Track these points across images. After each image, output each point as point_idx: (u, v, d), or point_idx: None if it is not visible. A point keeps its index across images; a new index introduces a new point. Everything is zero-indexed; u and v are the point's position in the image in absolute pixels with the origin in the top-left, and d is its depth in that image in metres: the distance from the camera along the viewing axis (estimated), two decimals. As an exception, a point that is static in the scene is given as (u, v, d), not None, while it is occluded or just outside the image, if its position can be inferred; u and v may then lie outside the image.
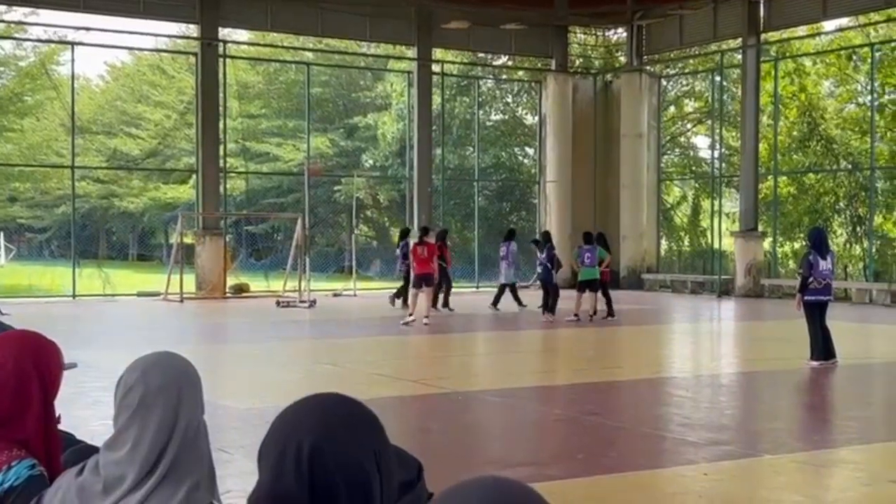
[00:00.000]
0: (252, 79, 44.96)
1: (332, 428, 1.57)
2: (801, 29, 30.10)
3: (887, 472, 7.51)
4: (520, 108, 44.38)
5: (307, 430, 1.57)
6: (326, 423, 1.58)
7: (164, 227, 47.75)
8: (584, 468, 7.49)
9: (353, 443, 1.57)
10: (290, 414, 1.61)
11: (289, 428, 1.58)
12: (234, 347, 16.29)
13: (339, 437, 1.57)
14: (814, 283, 12.96)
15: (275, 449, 1.57)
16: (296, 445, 1.55)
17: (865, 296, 25.51)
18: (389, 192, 42.84)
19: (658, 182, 32.97)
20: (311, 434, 1.56)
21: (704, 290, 29.39)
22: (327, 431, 1.57)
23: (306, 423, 1.58)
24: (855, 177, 31.06)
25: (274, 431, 1.60)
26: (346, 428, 1.58)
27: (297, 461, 1.55)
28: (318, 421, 1.58)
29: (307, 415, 1.60)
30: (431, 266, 19.57)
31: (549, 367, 14.62)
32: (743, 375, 13.13)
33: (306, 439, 1.56)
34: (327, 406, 1.61)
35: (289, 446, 1.56)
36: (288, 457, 1.55)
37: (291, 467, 1.55)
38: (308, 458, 1.54)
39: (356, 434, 1.59)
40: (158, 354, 2.14)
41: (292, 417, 1.60)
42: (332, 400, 1.63)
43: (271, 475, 1.56)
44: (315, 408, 1.61)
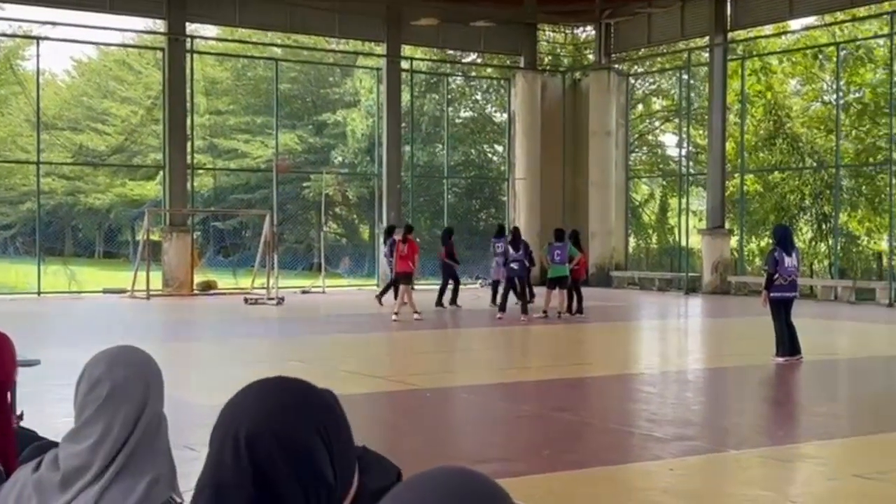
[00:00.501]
0: (220, 75, 44.71)
1: (270, 412, 1.56)
2: (767, 28, 30.34)
3: (851, 466, 7.59)
4: (489, 105, 44.47)
5: (245, 417, 1.56)
6: (264, 408, 1.57)
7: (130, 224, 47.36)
8: (550, 464, 7.51)
9: (292, 424, 1.56)
10: (232, 403, 1.60)
11: (228, 417, 1.58)
12: (201, 345, 16.20)
13: (278, 420, 1.55)
14: (779, 280, 13.07)
15: (216, 439, 1.57)
16: (233, 435, 1.55)
17: (830, 293, 25.75)
18: (359, 189, 42.76)
19: (626, 180, 33.12)
20: (249, 421, 1.55)
21: (672, 287, 29.57)
22: (264, 416, 1.56)
23: (245, 411, 1.57)
24: (820, 175, 31.35)
25: (218, 422, 1.59)
26: (284, 410, 1.57)
27: (236, 450, 1.53)
28: (257, 407, 1.57)
29: (246, 402, 1.59)
30: (410, 264, 19.62)
31: (518, 363, 14.65)
32: (709, 371, 13.23)
33: (243, 427, 1.55)
34: (267, 391, 1.60)
35: (227, 436, 1.55)
36: (227, 446, 1.54)
37: (230, 456, 1.54)
38: (246, 446, 1.53)
39: (295, 415, 1.57)
40: (120, 348, 2.13)
41: (233, 406, 1.59)
42: (272, 384, 1.61)
43: (212, 466, 1.55)
44: (255, 394, 1.60)
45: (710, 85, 29.37)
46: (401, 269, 19.56)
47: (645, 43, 31.86)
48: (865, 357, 14.68)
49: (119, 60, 48.13)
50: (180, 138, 26.96)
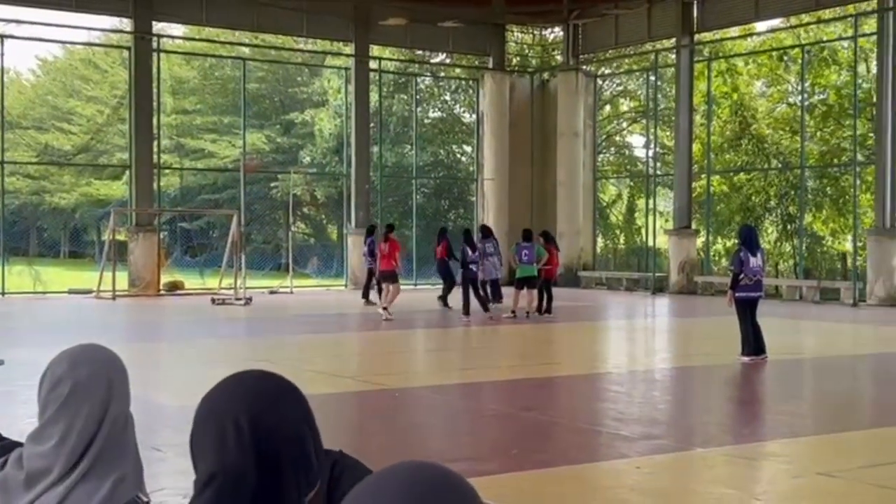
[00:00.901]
0: (187, 74, 44.44)
1: (265, 400, 1.60)
2: (733, 30, 30.59)
3: (815, 464, 7.67)
4: (457, 105, 44.50)
5: (241, 405, 1.59)
6: (258, 396, 1.61)
7: (96, 224, 46.97)
8: (518, 463, 7.54)
9: (286, 412, 1.61)
10: (218, 395, 1.62)
11: (221, 407, 1.60)
12: (168, 345, 16.11)
13: (274, 407, 1.60)
14: (744, 280, 13.17)
15: (213, 429, 1.58)
16: (234, 421, 1.57)
17: (796, 293, 26.00)
18: (327, 188, 42.66)
19: (594, 180, 33.26)
20: (247, 408, 1.58)
21: (639, 287, 29.73)
22: (261, 404, 1.59)
23: (238, 400, 1.60)
24: (785, 176, 31.64)
25: (205, 415, 1.61)
26: (277, 398, 1.61)
27: (239, 436, 1.56)
28: (250, 395, 1.60)
29: (236, 392, 1.62)
30: (393, 263, 19.64)
31: (487, 363, 14.67)
32: (676, 371, 13.31)
33: (243, 414, 1.57)
34: (254, 381, 1.64)
35: (227, 423, 1.57)
36: (229, 433, 1.57)
37: (234, 443, 1.56)
38: (249, 431, 1.56)
39: (288, 403, 1.62)
40: (84, 347, 2.11)
41: (221, 397, 1.62)
42: (256, 375, 1.65)
43: (216, 454, 1.57)
44: (242, 384, 1.63)
45: (676, 86, 29.56)
46: (384, 267, 19.56)
47: (612, 44, 32.01)
48: (830, 356, 14.84)
49: (85, 59, 47.72)
50: (147, 138, 26.78)
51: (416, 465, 1.17)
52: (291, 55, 37.34)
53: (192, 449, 1.63)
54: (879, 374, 13.45)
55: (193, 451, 1.62)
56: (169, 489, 6.12)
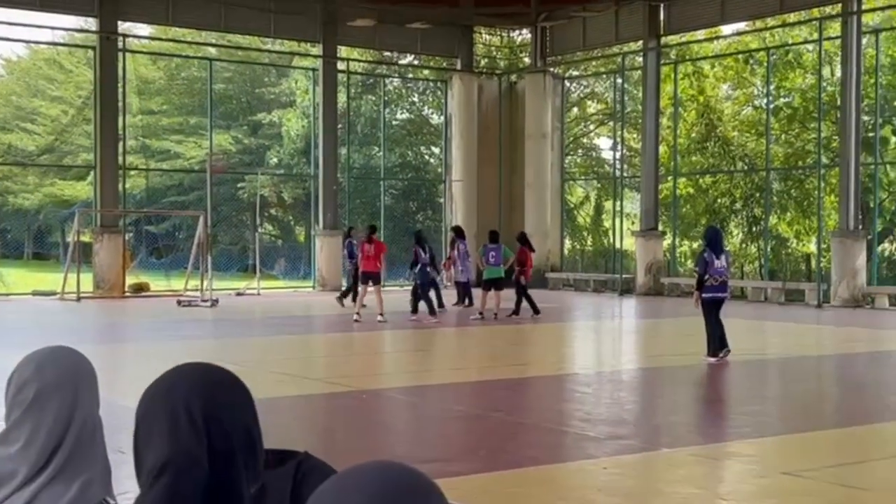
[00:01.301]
0: (153, 74, 44.11)
1: (216, 389, 1.58)
2: (699, 33, 30.79)
3: (780, 464, 7.73)
4: (426, 107, 44.49)
5: (191, 394, 1.55)
6: (208, 385, 1.58)
7: (60, 225, 46.53)
8: (486, 464, 7.54)
9: (237, 401, 1.58)
10: (166, 384, 1.59)
11: (171, 396, 1.56)
12: (133, 347, 15.99)
13: (225, 396, 1.57)
14: (710, 281, 13.25)
15: (163, 415, 1.54)
16: (185, 407, 1.54)
17: (761, 294, 26.20)
18: (294, 190, 42.50)
19: (562, 182, 33.36)
20: (199, 396, 1.55)
21: (606, 288, 29.84)
22: (212, 392, 1.57)
23: (188, 388, 1.56)
24: (751, 178, 31.88)
25: (154, 405, 1.57)
26: (227, 388, 1.59)
27: (192, 421, 1.53)
28: (200, 384, 1.57)
29: (185, 381, 1.58)
30: (378, 264, 19.57)
31: (454, 364, 14.67)
32: (643, 371, 13.38)
33: (194, 401, 1.54)
34: (201, 371, 1.61)
35: (178, 409, 1.54)
36: (181, 419, 1.53)
37: (187, 428, 1.53)
38: (202, 419, 1.53)
39: (237, 393, 1.60)
40: (53, 349, 2.08)
41: (169, 386, 1.58)
42: (202, 366, 1.63)
43: (168, 443, 1.53)
44: (189, 374, 1.60)
45: (643, 89, 29.72)
46: (368, 268, 19.47)
47: (580, 46, 32.12)
48: (795, 357, 14.96)
49: (50, 59, 47.26)
50: (112, 138, 26.55)
51: (381, 465, 1.16)
52: (259, 55, 37.17)
53: (139, 441, 1.58)
54: (843, 374, 13.58)
55: (140, 444, 1.57)
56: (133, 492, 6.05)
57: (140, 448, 1.58)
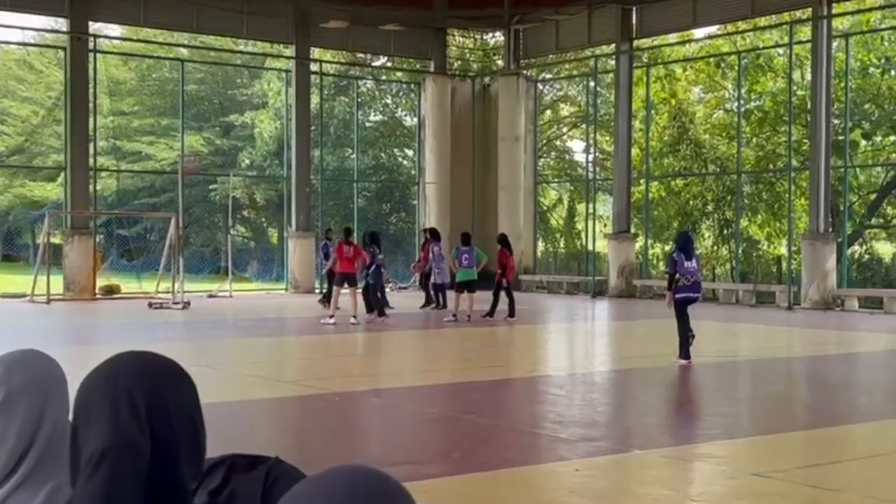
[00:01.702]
0: (124, 75, 43.84)
1: (160, 376, 1.53)
2: (671, 36, 30.97)
3: (751, 465, 7.78)
4: (399, 109, 44.47)
5: (134, 380, 1.51)
6: (152, 372, 1.53)
7: (30, 227, 46.14)
8: (459, 466, 7.55)
9: (181, 390, 1.54)
10: (107, 370, 1.54)
11: (113, 380, 1.51)
12: (103, 349, 15.75)
13: (169, 384, 1.53)
14: (682, 281, 13.27)
15: (103, 402, 1.50)
16: (127, 395, 1.49)
17: (732, 296, 26.35)
18: (267, 191, 42.35)
19: (535, 185, 33.45)
20: (141, 382, 1.51)
21: (579, 290, 29.94)
22: (156, 379, 1.52)
23: (130, 375, 1.51)
24: (722, 181, 32.08)
25: (94, 390, 1.52)
26: (170, 376, 1.55)
27: (134, 409, 1.48)
28: (143, 371, 1.53)
29: (127, 367, 1.53)
30: (355, 266, 19.55)
31: (428, 367, 14.67)
32: (615, 373, 13.42)
33: (137, 389, 1.50)
34: (144, 358, 1.56)
35: (120, 396, 1.49)
36: (122, 406, 1.48)
37: (128, 415, 1.48)
38: (145, 406, 1.49)
39: (182, 383, 1.55)
40: (22, 353, 2.06)
41: (111, 372, 1.53)
42: (149, 354, 1.58)
43: (109, 430, 1.48)
44: (132, 361, 1.55)
45: (616, 91, 29.85)
46: (346, 269, 19.44)
47: (553, 49, 32.22)
48: (765, 359, 15.06)
49: (20, 59, 46.86)
50: (82, 139, 26.37)
51: (350, 469, 1.16)
52: (231, 57, 37.00)
53: (77, 430, 1.53)
54: (813, 376, 13.69)
55: (78, 432, 1.53)
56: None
57: (79, 436, 1.53)
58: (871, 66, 29.56)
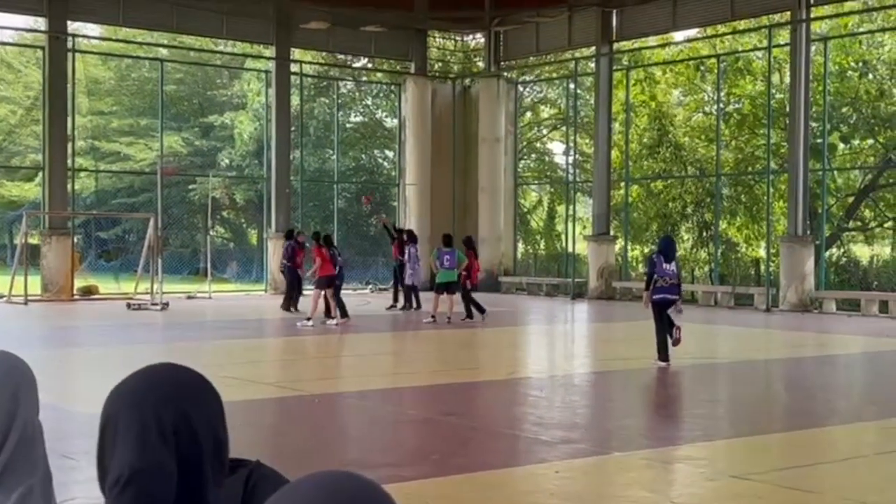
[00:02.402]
0: (103, 75, 43.61)
1: (186, 393, 1.55)
2: (651, 39, 31.06)
3: (729, 467, 7.81)
4: (379, 110, 44.42)
5: (163, 400, 1.52)
6: (179, 389, 1.55)
7: (7, 227, 45.85)
8: (438, 468, 7.54)
9: (207, 407, 1.56)
10: (134, 387, 1.55)
11: (141, 399, 1.53)
12: (81, 351, 15.78)
13: (195, 402, 1.55)
14: (660, 282, 13.32)
15: (131, 422, 1.51)
16: (155, 414, 1.51)
17: (711, 298, 26.45)
18: (246, 192, 42.22)
19: (515, 186, 33.48)
20: (170, 403, 1.52)
21: (559, 292, 29.98)
22: (183, 397, 1.54)
23: (160, 393, 1.53)
24: (702, 183, 32.20)
25: (122, 409, 1.53)
26: (197, 392, 1.57)
27: (162, 430, 1.50)
28: (173, 391, 1.54)
29: (158, 385, 1.55)
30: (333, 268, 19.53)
31: (407, 368, 14.66)
32: (595, 375, 13.45)
33: (165, 409, 1.52)
34: (176, 375, 1.58)
35: (148, 416, 1.51)
36: (151, 427, 1.50)
37: (157, 437, 1.50)
38: (173, 427, 1.51)
39: (208, 398, 1.58)
40: None
41: (138, 390, 1.55)
42: (177, 369, 1.60)
43: (136, 448, 1.50)
44: (163, 378, 1.57)
45: (595, 94, 29.91)
46: (327, 272, 19.39)
47: (533, 51, 32.27)
48: (743, 361, 15.12)
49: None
50: (60, 139, 26.21)
51: (334, 475, 1.15)
52: (211, 57, 36.88)
53: (104, 445, 1.55)
54: (791, 378, 13.75)
55: (105, 449, 1.54)
56: (80, 498, 5.98)
57: (105, 453, 1.54)
58: (849, 70, 29.74)
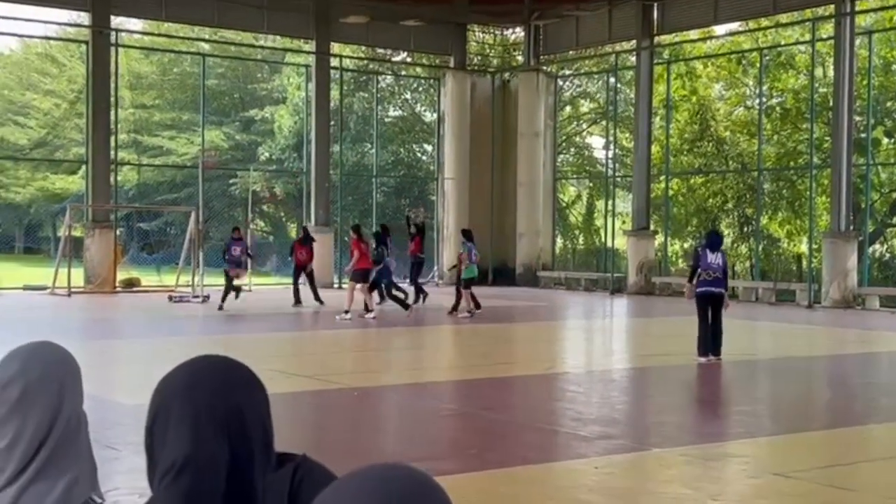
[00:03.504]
0: (145, 69, 44.00)
1: (239, 389, 1.57)
2: (693, 32, 30.80)
3: (771, 464, 7.74)
4: (418, 104, 44.45)
5: (214, 391, 1.54)
6: (228, 380, 1.57)
7: (52, 220, 46.40)
8: (476, 463, 7.53)
9: (255, 398, 1.58)
10: (188, 377, 1.57)
11: (193, 391, 1.55)
12: (123, 342, 15.94)
13: (245, 393, 1.57)
14: (703, 275, 13.17)
15: (183, 412, 1.53)
16: (207, 406, 1.53)
17: (751, 294, 26.22)
18: (286, 186, 42.45)
19: (554, 181, 33.37)
20: (221, 395, 1.54)
21: (598, 287, 29.86)
22: (233, 388, 1.56)
23: (212, 385, 1.55)
24: (743, 178, 31.93)
25: (175, 395, 1.55)
26: (246, 384, 1.58)
27: (214, 421, 1.52)
28: (223, 382, 1.56)
29: (209, 377, 1.57)
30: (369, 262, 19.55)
31: (445, 362, 14.67)
32: (634, 371, 13.38)
33: (216, 400, 1.53)
34: (226, 368, 1.60)
35: (200, 407, 1.53)
36: (203, 417, 1.52)
37: (209, 427, 1.52)
38: (224, 418, 1.53)
39: (256, 390, 1.59)
40: (36, 345, 2.05)
41: (192, 381, 1.56)
42: (226, 362, 1.61)
43: (188, 438, 1.52)
44: (214, 370, 1.59)
45: (636, 88, 29.72)
46: (364, 265, 19.41)
47: (573, 45, 32.12)
48: (786, 358, 14.98)
49: (42, 53, 47.10)
50: (103, 133, 26.49)
51: (389, 468, 1.15)
52: (251, 51, 37.09)
53: (153, 436, 1.56)
54: (834, 375, 13.60)
55: (156, 438, 1.56)
56: (123, 488, 6.04)
57: (155, 443, 1.56)
58: (894, 63, 29.36)
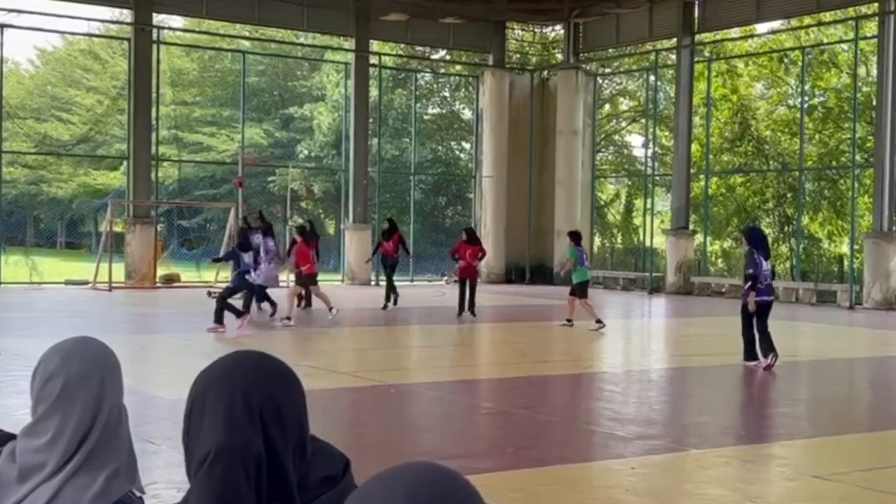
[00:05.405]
0: (186, 66, 44.37)
1: (272, 378, 1.58)
2: (734, 31, 30.55)
3: (812, 467, 7.66)
4: (457, 102, 44.46)
5: (249, 383, 1.56)
6: (265, 374, 1.58)
7: (93, 215, 46.90)
8: (513, 461, 7.52)
9: (291, 392, 1.59)
10: (223, 371, 1.59)
11: (229, 382, 1.56)
12: (163, 337, 16.08)
13: (281, 387, 1.58)
14: (758, 284, 12.85)
15: (220, 402, 1.55)
16: (243, 397, 1.54)
17: (792, 295, 25.98)
18: (324, 183, 42.61)
19: (592, 179, 33.23)
20: (257, 386, 1.55)
21: (636, 286, 29.71)
22: (269, 382, 1.57)
23: (248, 377, 1.57)
24: (783, 177, 31.62)
25: (210, 391, 1.57)
26: (283, 378, 1.59)
27: (249, 412, 1.53)
28: (259, 375, 1.58)
29: (245, 370, 1.58)
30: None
31: (483, 360, 14.66)
32: (672, 371, 13.29)
33: (252, 391, 1.55)
34: (257, 359, 1.62)
35: (236, 398, 1.54)
36: (238, 407, 1.54)
37: (244, 417, 1.53)
38: (259, 409, 1.54)
39: (292, 384, 1.60)
40: (75, 340, 2.07)
41: (227, 373, 1.58)
42: (262, 356, 1.63)
43: (224, 428, 1.53)
44: (250, 363, 1.60)
45: (676, 86, 29.53)
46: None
47: (613, 43, 31.97)
48: (827, 359, 14.83)
49: (85, 50, 47.63)
50: (145, 129, 26.74)
51: (423, 466, 1.14)
52: (291, 49, 37.25)
53: (190, 428, 1.58)
54: (876, 377, 13.44)
55: (193, 427, 1.57)
56: (162, 482, 6.10)
57: (191, 434, 1.58)
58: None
